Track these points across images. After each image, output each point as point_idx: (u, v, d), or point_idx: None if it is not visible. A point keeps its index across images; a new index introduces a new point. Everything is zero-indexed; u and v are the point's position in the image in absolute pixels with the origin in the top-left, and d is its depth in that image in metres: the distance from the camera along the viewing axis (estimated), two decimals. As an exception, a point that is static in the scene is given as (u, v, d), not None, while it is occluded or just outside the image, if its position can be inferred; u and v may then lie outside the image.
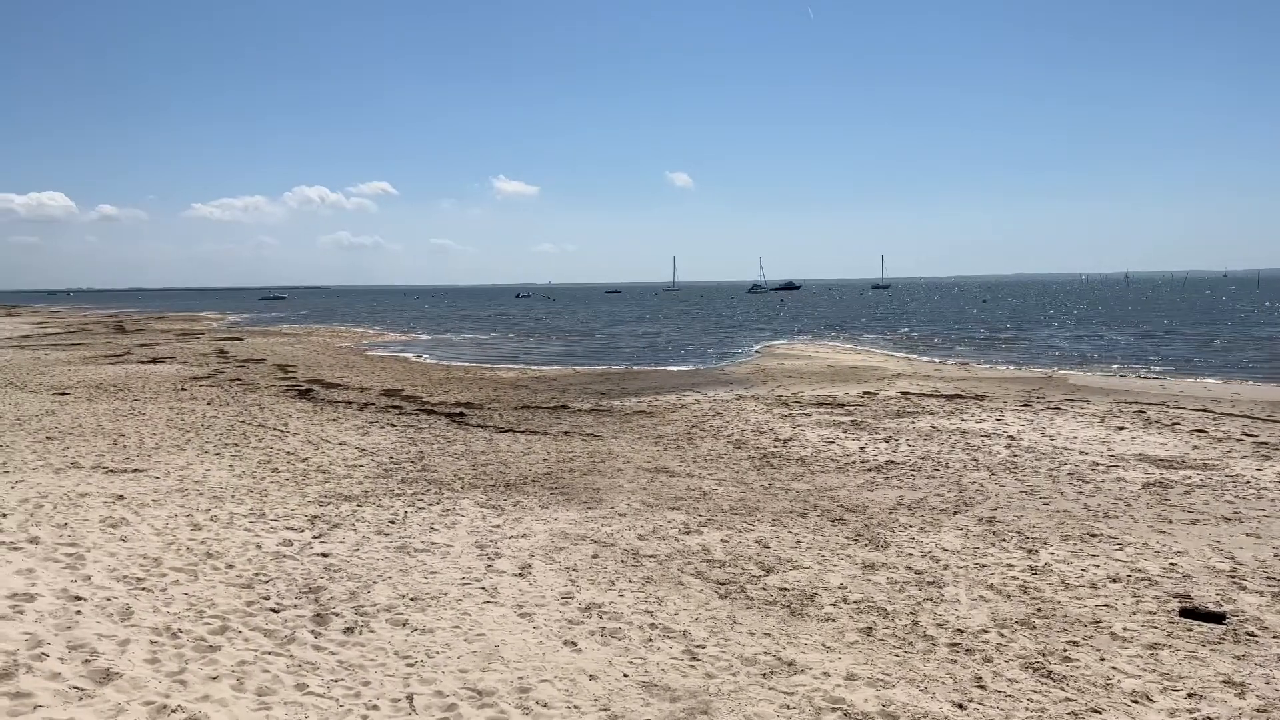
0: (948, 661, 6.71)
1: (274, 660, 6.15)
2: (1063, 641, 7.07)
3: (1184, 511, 10.95)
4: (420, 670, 6.21)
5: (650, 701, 5.88)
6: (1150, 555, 9.24)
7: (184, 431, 16.23)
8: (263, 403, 20.88)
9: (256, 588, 7.75)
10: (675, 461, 14.33)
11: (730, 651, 6.80)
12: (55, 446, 14.23)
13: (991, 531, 10.18)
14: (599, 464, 14.07)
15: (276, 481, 12.31)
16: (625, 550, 9.42)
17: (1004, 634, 7.22)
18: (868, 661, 6.68)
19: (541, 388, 25.59)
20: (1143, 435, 16.25)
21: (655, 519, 10.70)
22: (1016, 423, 17.76)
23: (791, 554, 9.34)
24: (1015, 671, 6.52)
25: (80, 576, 7.48)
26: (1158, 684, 6.32)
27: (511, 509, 11.10)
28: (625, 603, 7.83)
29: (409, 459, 14.23)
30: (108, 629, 6.29)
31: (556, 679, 6.17)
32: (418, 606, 7.52)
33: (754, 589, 8.29)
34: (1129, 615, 7.64)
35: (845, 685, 6.22)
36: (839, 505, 11.42)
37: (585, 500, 11.64)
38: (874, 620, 7.52)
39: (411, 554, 9.04)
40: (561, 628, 7.18)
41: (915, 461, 14.16)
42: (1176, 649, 6.94)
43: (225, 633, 6.59)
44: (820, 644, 7.01)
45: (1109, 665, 6.63)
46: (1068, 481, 12.62)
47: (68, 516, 9.60)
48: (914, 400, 21.65)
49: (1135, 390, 24.11)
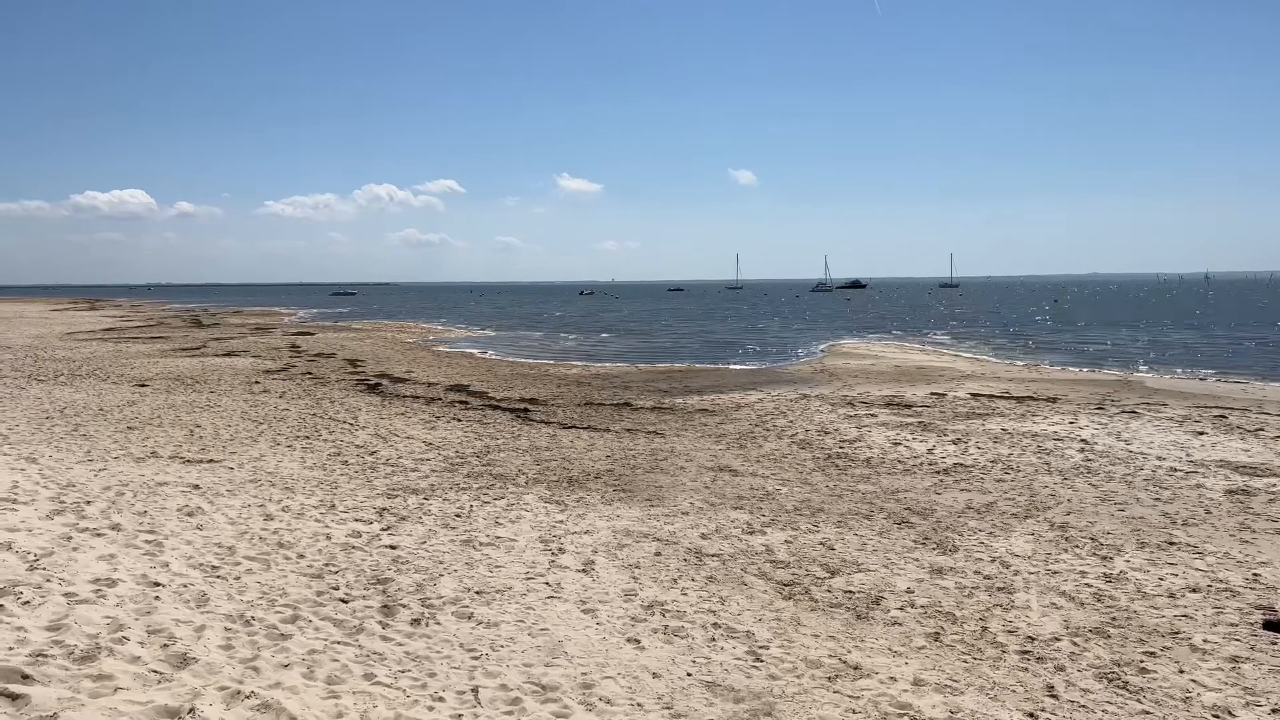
0: (1018, 669, 6.56)
1: (343, 650, 6.26)
2: (1139, 652, 6.87)
3: (1268, 520, 10.57)
4: (485, 664, 6.26)
5: (714, 701, 5.85)
6: (1232, 565, 8.94)
7: (257, 424, 16.63)
8: (333, 396, 21.30)
9: (326, 578, 7.90)
10: (738, 460, 14.27)
11: (794, 653, 6.74)
12: (135, 436, 14.69)
13: (1064, 537, 9.94)
14: (661, 462, 14.07)
15: (346, 474, 12.55)
16: (688, 549, 9.41)
17: (1077, 643, 7.04)
18: (935, 667, 6.57)
19: (604, 385, 25.68)
20: (1224, 440, 15.72)
21: (718, 518, 10.67)
22: (1090, 426, 17.31)
23: (857, 556, 9.24)
24: (1089, 681, 6.36)
25: (159, 563, 7.70)
26: (1240, 698, 6.10)
27: (575, 505, 11.16)
28: (688, 601, 7.82)
29: (474, 453, 14.39)
30: (184, 615, 6.45)
31: (620, 676, 6.18)
32: (483, 600, 7.59)
33: (819, 591, 8.21)
34: (1209, 627, 7.39)
35: (912, 691, 6.13)
36: (906, 508, 11.26)
37: (648, 498, 11.65)
38: (942, 625, 7.40)
39: (477, 548, 9.14)
40: (625, 625, 7.19)
41: (985, 465, 13.89)
42: (1260, 663, 6.69)
43: (296, 621, 6.72)
44: (886, 648, 6.91)
45: (1188, 678, 6.43)
46: (1144, 487, 12.27)
47: (147, 505, 9.89)
48: (984, 402, 21.24)
49: (1216, 394, 23.32)
